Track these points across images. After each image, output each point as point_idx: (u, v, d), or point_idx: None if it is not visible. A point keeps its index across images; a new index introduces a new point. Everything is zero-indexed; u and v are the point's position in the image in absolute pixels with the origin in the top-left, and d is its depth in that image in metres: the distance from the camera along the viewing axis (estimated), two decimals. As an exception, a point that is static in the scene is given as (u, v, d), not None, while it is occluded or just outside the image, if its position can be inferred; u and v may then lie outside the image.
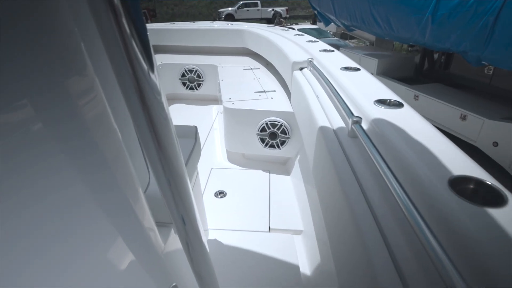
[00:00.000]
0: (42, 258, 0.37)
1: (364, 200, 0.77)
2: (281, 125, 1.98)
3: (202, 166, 2.18)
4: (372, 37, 7.38)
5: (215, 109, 3.27)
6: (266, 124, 1.99)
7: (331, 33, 12.45)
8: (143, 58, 0.32)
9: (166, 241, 0.76)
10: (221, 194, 1.90)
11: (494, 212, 0.57)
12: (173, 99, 3.52)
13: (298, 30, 11.47)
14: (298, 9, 30.35)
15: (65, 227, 0.41)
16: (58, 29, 0.38)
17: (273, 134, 2.02)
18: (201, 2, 31.28)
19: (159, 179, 0.41)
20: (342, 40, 12.00)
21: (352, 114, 0.97)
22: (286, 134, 1.99)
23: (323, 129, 1.08)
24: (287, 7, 25.28)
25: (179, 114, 3.19)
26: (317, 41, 2.30)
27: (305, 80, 1.59)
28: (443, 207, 0.60)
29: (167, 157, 0.39)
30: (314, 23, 18.03)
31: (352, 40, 13.80)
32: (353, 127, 0.92)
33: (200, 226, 0.53)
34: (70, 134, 0.40)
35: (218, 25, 3.79)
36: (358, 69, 1.46)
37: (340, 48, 7.02)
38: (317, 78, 1.54)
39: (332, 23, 7.30)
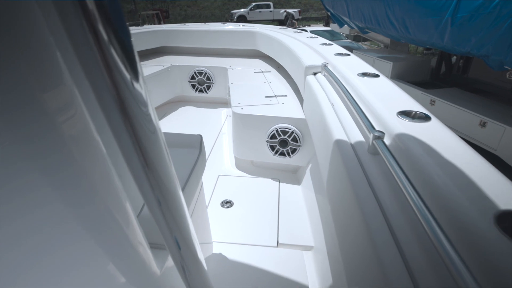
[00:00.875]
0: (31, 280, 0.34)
1: (385, 222, 0.69)
2: (292, 133, 1.89)
3: (209, 172, 2.11)
4: (387, 40, 7.22)
5: (224, 112, 3.20)
6: (277, 131, 1.90)
7: (344, 35, 12.29)
8: (125, 66, 0.26)
9: (163, 266, 0.69)
10: (227, 203, 1.82)
11: None
12: (182, 102, 3.48)
13: (311, 32, 11.36)
14: (310, 11, 30.17)
15: (51, 255, 0.37)
16: (29, 37, 0.33)
17: (284, 141, 1.93)
18: (214, 3, 31.44)
19: (148, 199, 0.36)
20: (355, 42, 11.83)
21: (373, 127, 0.87)
22: (297, 142, 1.90)
23: (339, 143, 0.99)
24: (299, 9, 25.13)
25: (188, 117, 3.14)
26: (332, 44, 2.19)
27: (319, 86, 1.49)
28: (488, 248, 0.50)
29: (156, 175, 0.34)
30: (326, 24, 17.84)
31: (365, 43, 13.61)
32: (374, 142, 0.82)
33: (198, 249, 0.48)
34: (48, 152, 0.35)
35: (229, 26, 3.73)
36: (377, 75, 1.35)
37: (354, 51, 6.89)
38: (332, 84, 1.44)
39: (346, 25, 7.17)
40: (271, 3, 25.05)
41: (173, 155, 1.07)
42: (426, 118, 0.92)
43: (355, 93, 1.19)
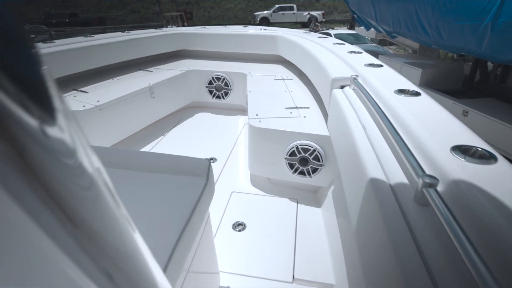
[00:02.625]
0: None
1: (430, 281, 0.53)
2: (314, 151, 1.70)
3: (222, 188, 1.97)
4: (415, 45, 6.87)
5: (241, 120, 3.07)
6: (297, 148, 1.73)
7: (369, 38, 11.90)
8: (27, 107, 0.15)
9: None
10: (239, 226, 1.66)
11: None
12: (198, 107, 3.37)
13: (334, 35, 11.10)
14: (334, 13, 29.69)
15: None
16: None
17: (304, 159, 1.75)
18: (238, 5, 31.56)
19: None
20: (380, 46, 11.42)
21: (423, 170, 0.67)
22: (319, 161, 1.72)
23: (374, 182, 0.80)
24: (323, 11, 24.72)
25: (203, 124, 3.03)
26: (361, 52, 1.99)
27: (347, 103, 1.30)
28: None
29: (100, 242, 0.23)
30: (351, 28, 17.39)
31: (391, 47, 13.12)
32: (424, 190, 0.63)
33: None
34: None
35: (251, 30, 3.60)
36: (417, 94, 1.14)
37: (379, 56, 6.59)
38: (363, 101, 1.24)
39: (373, 29, 6.89)
40: (294, 5, 24.85)
41: (177, 184, 0.94)
42: (490, 158, 0.71)
43: (392, 116, 0.99)
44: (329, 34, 11.05)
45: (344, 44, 2.38)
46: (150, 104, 2.68)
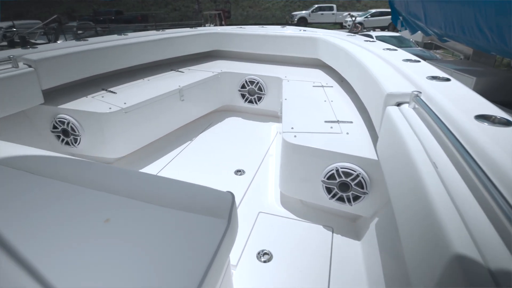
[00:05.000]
0: None
1: None
2: (357, 176, 1.46)
3: (248, 206, 1.80)
4: (468, 50, 6.27)
5: (274, 128, 2.87)
6: (337, 171, 1.49)
7: (413, 41, 11.16)
8: None
9: None
10: (265, 255, 1.46)
11: None
12: (230, 111, 3.23)
13: (376, 37, 10.60)
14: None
15: None
16: None
17: (345, 184, 1.51)
18: (276, 4, 31.35)
19: None
20: (426, 50, 10.67)
21: None
22: (362, 188, 1.48)
23: (451, 237, 0.59)
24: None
25: (233, 130, 2.88)
26: (419, 61, 1.69)
27: (406, 125, 1.04)
28: None
29: None
30: (393, 29, 16.49)
31: (438, 51, 12.22)
32: None
33: None
34: None
35: (288, 31, 3.38)
36: (508, 123, 0.86)
37: (426, 60, 6.08)
38: (429, 127, 0.99)
39: (420, 32, 6.38)
40: (334, 6, 24.16)
41: (193, 225, 0.78)
42: None
43: (475, 152, 0.74)
44: (370, 36, 10.51)
45: (397, 50, 2.08)
46: (179, 107, 2.57)
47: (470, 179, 0.70)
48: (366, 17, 22.20)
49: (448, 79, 1.32)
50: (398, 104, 1.22)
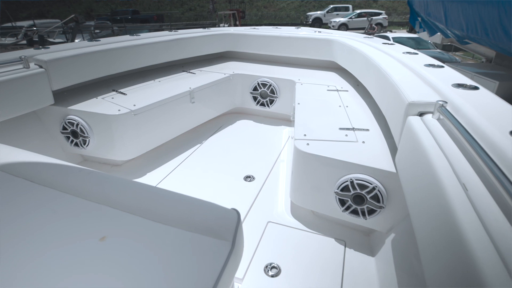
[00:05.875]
0: None
1: None
2: (373, 189, 1.36)
3: (257, 215, 1.73)
4: (491, 52, 6.02)
5: (286, 132, 2.79)
6: (352, 182, 1.40)
7: (431, 43, 10.84)
8: None
9: None
10: (273, 269, 1.38)
11: None
12: (241, 114, 3.17)
13: (393, 38, 10.31)
14: (393, 15, 27.91)
15: None
16: None
17: (360, 197, 1.42)
18: (290, 4, 31.18)
19: None
20: (445, 52, 10.35)
21: None
22: (378, 202, 1.38)
23: (487, 276, 0.51)
24: (385, 16, 23.15)
25: (244, 133, 2.81)
26: (442, 67, 1.57)
27: (430, 138, 0.94)
28: None
29: None
30: (411, 30, 16.07)
31: (457, 53, 11.84)
32: None
33: None
34: None
35: (303, 32, 3.29)
36: None
37: (445, 63, 5.87)
38: (457, 143, 0.88)
39: (439, 33, 6.18)
40: (350, 6, 23.83)
41: (194, 245, 0.73)
42: None
43: None
44: (386, 37, 10.27)
45: (418, 53, 1.96)
46: (189, 110, 2.53)
47: (507, 205, 0.61)
48: (351, 17, 21.86)
49: (476, 87, 1.22)
50: (421, 114, 1.13)
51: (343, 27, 21.03)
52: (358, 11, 22.32)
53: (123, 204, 0.83)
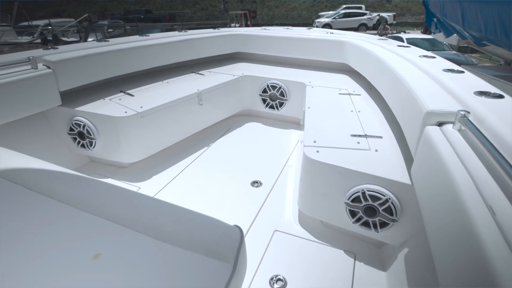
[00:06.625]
0: None
1: None
2: (386, 201, 1.29)
3: (264, 223, 1.67)
4: (509, 54, 5.80)
5: (295, 136, 2.73)
6: (363, 193, 1.33)
7: (447, 44, 10.57)
8: None
9: None
10: (279, 281, 1.33)
11: None
12: (250, 116, 3.12)
13: (407, 39, 10.08)
14: (407, 15, 27.43)
15: None
16: None
17: (371, 209, 1.35)
18: (302, 4, 30.98)
19: None
20: (461, 54, 10.07)
21: None
22: (392, 215, 1.30)
23: None
24: (394, 13, 22.88)
25: (253, 136, 2.76)
26: (463, 72, 1.48)
27: (451, 151, 0.87)
28: None
29: None
30: (425, 31, 15.70)
31: (473, 55, 11.52)
32: None
33: None
34: None
35: (314, 33, 3.21)
36: None
37: (462, 65, 5.69)
38: (482, 158, 0.80)
39: (454, 34, 6.00)
40: (362, 6, 23.48)
41: (193, 265, 0.68)
42: None
43: None
44: (400, 38, 10.05)
45: (435, 57, 1.87)
46: (197, 112, 2.49)
47: None
48: (334, 18, 21.46)
49: (501, 96, 1.13)
50: (440, 124, 1.05)
51: (327, 27, 20.76)
52: (343, 11, 21.97)
53: (121, 218, 0.79)
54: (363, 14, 21.55)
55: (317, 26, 20.75)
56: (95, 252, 0.68)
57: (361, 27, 20.62)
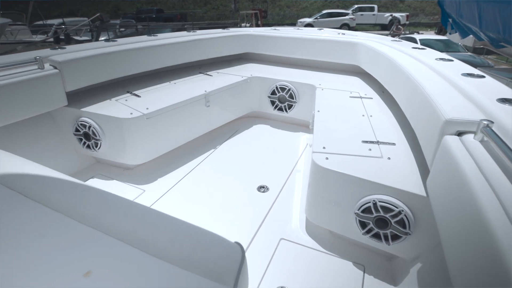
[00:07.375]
0: None
1: None
2: (399, 213, 1.22)
3: (270, 231, 1.62)
4: (529, 57, 5.61)
5: (304, 139, 2.66)
6: (374, 204, 1.26)
7: (462, 45, 10.30)
8: None
9: None
10: None
11: None
12: (258, 118, 3.07)
13: (420, 40, 9.87)
14: (421, 15, 26.90)
15: None
16: None
17: (383, 221, 1.28)
18: (313, 4, 30.74)
19: None
20: (476, 55, 9.79)
21: None
22: (404, 228, 1.24)
23: None
24: (407, 13, 22.47)
25: (260, 139, 2.71)
26: (483, 77, 1.40)
27: (472, 164, 0.80)
28: None
29: None
30: (439, 32, 15.35)
31: (489, 56, 11.19)
32: None
33: None
34: None
35: (325, 34, 3.14)
36: None
37: (478, 67, 5.51)
38: (507, 172, 0.74)
39: (471, 36, 5.82)
40: (375, 6, 23.15)
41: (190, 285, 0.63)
42: None
43: None
44: (413, 39, 9.84)
45: (453, 60, 1.78)
46: (204, 114, 2.46)
47: None
48: (316, 18, 21.29)
49: None
50: (459, 134, 0.98)
51: (309, 27, 20.69)
52: (325, 11, 21.98)
53: (117, 231, 0.75)
54: (346, 14, 21.65)
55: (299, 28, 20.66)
56: (86, 268, 0.64)
57: (343, 27, 20.61)
